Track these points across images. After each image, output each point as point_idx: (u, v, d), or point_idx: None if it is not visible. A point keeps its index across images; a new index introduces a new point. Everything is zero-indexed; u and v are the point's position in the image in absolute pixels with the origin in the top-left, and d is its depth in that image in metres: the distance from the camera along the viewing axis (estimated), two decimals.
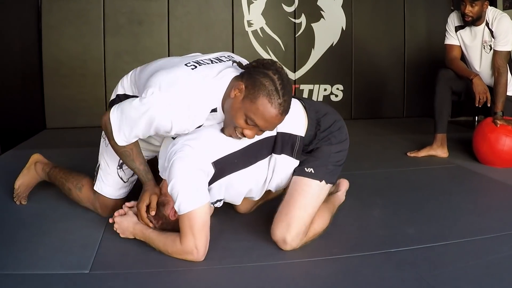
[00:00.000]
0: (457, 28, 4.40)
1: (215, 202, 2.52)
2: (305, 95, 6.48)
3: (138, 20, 5.98)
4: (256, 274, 2.26)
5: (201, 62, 2.44)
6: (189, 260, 2.30)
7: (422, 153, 4.47)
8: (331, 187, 2.65)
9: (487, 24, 4.21)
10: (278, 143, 2.50)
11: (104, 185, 2.81)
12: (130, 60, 5.69)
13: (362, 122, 6.37)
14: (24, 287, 2.11)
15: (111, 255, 2.43)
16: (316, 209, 2.54)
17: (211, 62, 2.46)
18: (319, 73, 6.55)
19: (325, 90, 6.60)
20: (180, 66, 2.40)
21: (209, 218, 2.34)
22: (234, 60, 2.46)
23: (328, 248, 2.50)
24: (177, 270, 2.27)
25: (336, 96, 6.64)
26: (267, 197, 2.99)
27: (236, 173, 2.46)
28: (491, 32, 4.20)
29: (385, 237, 2.66)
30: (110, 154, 2.72)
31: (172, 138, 2.50)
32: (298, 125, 2.53)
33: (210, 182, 2.40)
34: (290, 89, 2.34)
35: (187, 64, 2.41)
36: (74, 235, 2.66)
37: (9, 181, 3.15)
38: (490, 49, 4.26)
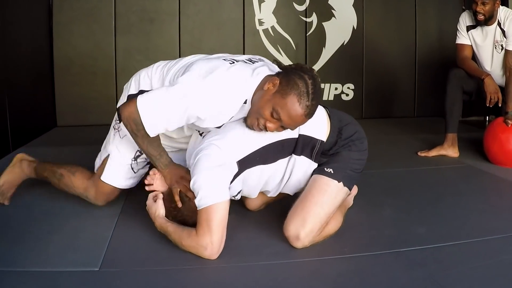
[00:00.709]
0: (469, 28, 4.38)
1: (236, 195, 2.54)
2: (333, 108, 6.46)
3: (149, 19, 5.99)
4: (266, 273, 2.25)
5: (238, 60, 2.51)
6: (203, 257, 2.31)
7: (433, 153, 4.45)
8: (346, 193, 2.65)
9: (499, 24, 4.20)
10: (299, 145, 2.53)
11: (114, 175, 2.82)
12: (141, 59, 5.72)
13: (373, 122, 6.35)
14: (34, 285, 2.12)
15: (121, 253, 2.43)
16: (333, 210, 2.54)
17: (245, 62, 2.53)
18: (330, 72, 6.54)
19: (336, 89, 6.59)
20: (219, 60, 2.47)
21: (227, 217, 2.34)
22: (266, 62, 2.59)
23: (338, 247, 2.50)
24: (187, 268, 2.27)
25: (347, 95, 6.63)
26: (278, 196, 2.98)
27: (256, 168, 2.49)
28: (503, 32, 4.18)
29: (396, 237, 2.65)
30: (127, 146, 2.75)
31: (200, 135, 2.56)
32: (320, 130, 2.57)
33: (233, 179, 2.42)
34: (320, 97, 2.46)
35: (225, 59, 2.48)
36: (84, 233, 2.67)
37: None
38: (502, 49, 4.24)
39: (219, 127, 2.49)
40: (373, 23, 6.59)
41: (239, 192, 2.56)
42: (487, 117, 6.02)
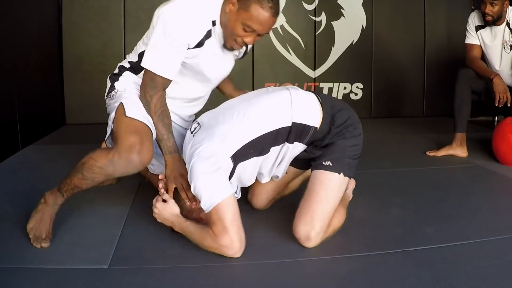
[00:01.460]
0: (478, 28, 4.38)
1: (236, 191, 2.55)
2: (325, 93, 6.46)
3: None
4: (275, 272, 2.26)
5: None
6: (228, 256, 2.31)
7: (442, 153, 4.45)
8: (348, 182, 2.65)
9: (508, 24, 4.19)
10: (292, 133, 2.52)
11: (136, 109, 2.65)
12: None
13: (382, 121, 6.34)
14: (44, 282, 2.13)
15: (130, 251, 2.45)
16: (337, 202, 2.54)
17: None
18: (339, 72, 6.54)
19: (345, 89, 6.59)
20: None
21: (238, 210, 2.35)
22: None
23: (347, 246, 2.50)
24: (196, 266, 2.28)
25: (356, 95, 6.62)
26: (284, 193, 3.01)
27: (251, 160, 2.50)
28: None
29: (404, 236, 2.65)
30: (130, 89, 2.81)
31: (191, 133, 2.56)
32: (313, 117, 2.55)
33: (230, 175, 2.43)
34: None
35: None
36: (94, 231, 2.68)
37: (29, 176, 3.17)
38: (510, 49, 4.23)
39: (200, 46, 2.68)
40: (382, 23, 6.58)
41: (237, 188, 2.59)
42: (496, 117, 6.00)
